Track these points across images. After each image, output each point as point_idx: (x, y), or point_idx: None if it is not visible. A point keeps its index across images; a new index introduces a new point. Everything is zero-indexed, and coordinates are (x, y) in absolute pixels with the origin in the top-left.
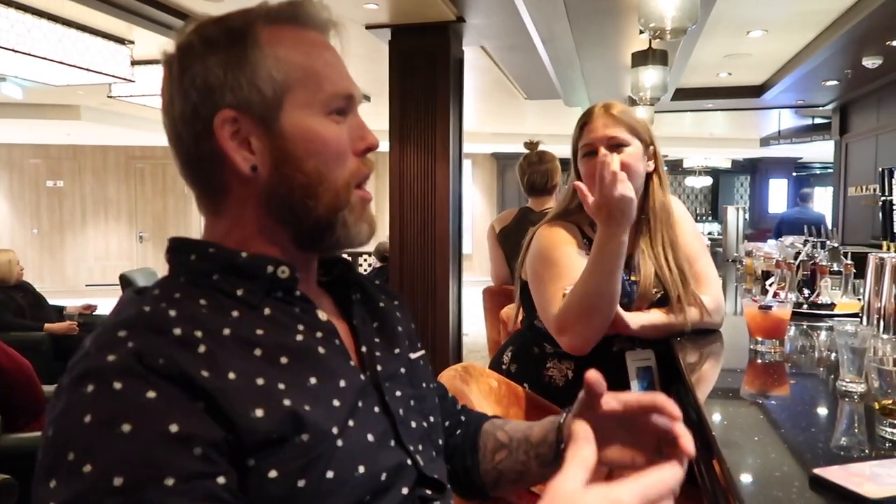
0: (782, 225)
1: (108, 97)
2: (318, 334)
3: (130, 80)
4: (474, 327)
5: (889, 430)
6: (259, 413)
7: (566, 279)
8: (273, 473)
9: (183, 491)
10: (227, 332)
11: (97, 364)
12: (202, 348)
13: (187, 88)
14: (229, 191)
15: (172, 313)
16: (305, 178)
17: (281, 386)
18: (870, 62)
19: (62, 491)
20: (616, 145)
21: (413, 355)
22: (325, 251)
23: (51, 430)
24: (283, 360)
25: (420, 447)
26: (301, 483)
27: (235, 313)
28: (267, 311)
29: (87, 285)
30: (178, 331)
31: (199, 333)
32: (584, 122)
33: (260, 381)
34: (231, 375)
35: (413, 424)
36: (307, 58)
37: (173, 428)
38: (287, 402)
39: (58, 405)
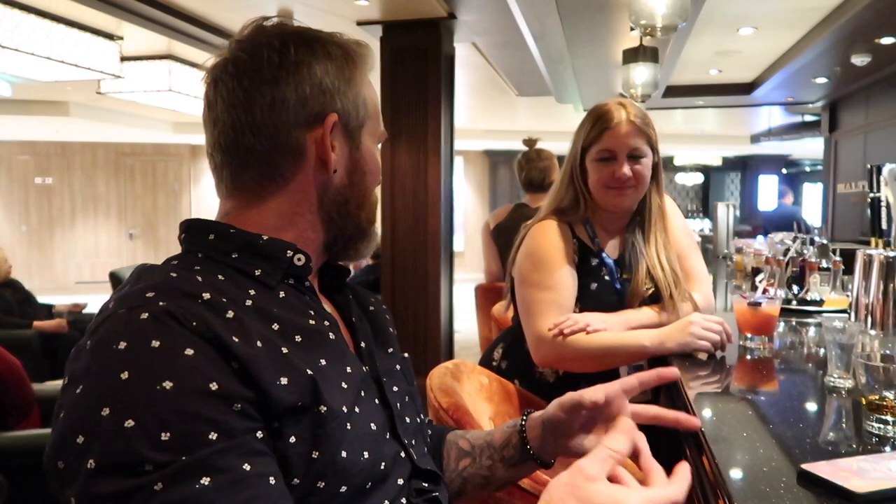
0: (767, 223)
1: (98, 93)
2: (326, 323)
3: (119, 77)
4: (466, 324)
5: (876, 425)
6: (284, 381)
7: (554, 291)
8: (293, 439)
9: (228, 447)
10: (248, 303)
11: (129, 323)
12: (230, 313)
13: (301, 79)
14: (289, 181)
15: (199, 279)
16: (363, 190)
17: (299, 359)
18: (858, 60)
19: (97, 447)
20: (635, 156)
21: (405, 355)
22: (343, 258)
23: (79, 389)
24: (298, 338)
25: (413, 441)
26: (315, 455)
27: (252, 291)
28: (281, 293)
29: (76, 283)
30: (207, 295)
31: (224, 300)
32: (605, 126)
33: (284, 350)
34: (258, 343)
35: (407, 419)
36: (376, 98)
37: (213, 386)
38: (309, 371)
39: (80, 367)
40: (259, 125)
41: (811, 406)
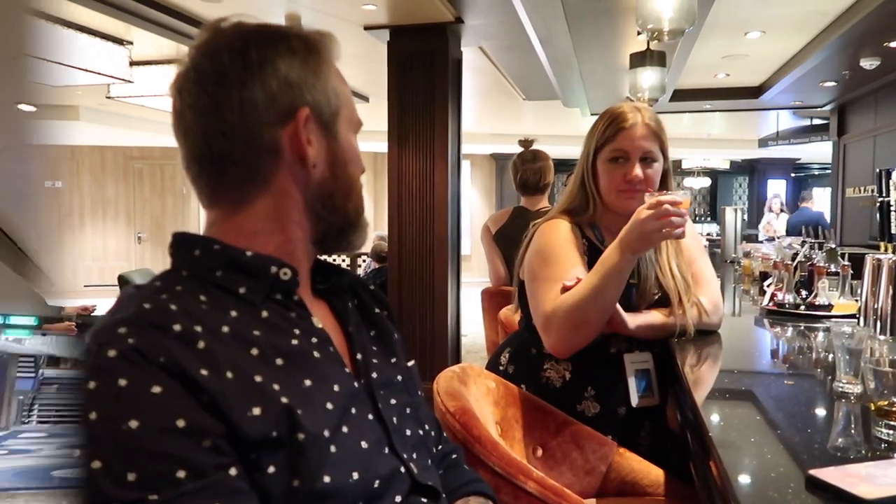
0: (791, 229)
1: (107, 97)
2: (314, 340)
3: (129, 81)
4: (473, 328)
5: (885, 430)
6: (256, 412)
7: (564, 281)
8: (271, 469)
9: (198, 487)
10: (225, 329)
11: (98, 361)
12: (201, 344)
13: (267, 77)
14: (270, 182)
15: (173, 307)
16: (347, 181)
17: (276, 386)
18: (867, 63)
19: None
20: (647, 159)
21: (409, 363)
22: (336, 251)
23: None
24: (279, 361)
25: (414, 455)
26: (296, 483)
27: (234, 313)
28: (265, 313)
29: (85, 286)
30: (177, 327)
31: (198, 328)
32: (620, 126)
33: (258, 378)
34: (229, 374)
35: (408, 432)
36: (345, 86)
37: (180, 423)
38: (284, 400)
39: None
40: (231, 129)
41: (819, 411)
